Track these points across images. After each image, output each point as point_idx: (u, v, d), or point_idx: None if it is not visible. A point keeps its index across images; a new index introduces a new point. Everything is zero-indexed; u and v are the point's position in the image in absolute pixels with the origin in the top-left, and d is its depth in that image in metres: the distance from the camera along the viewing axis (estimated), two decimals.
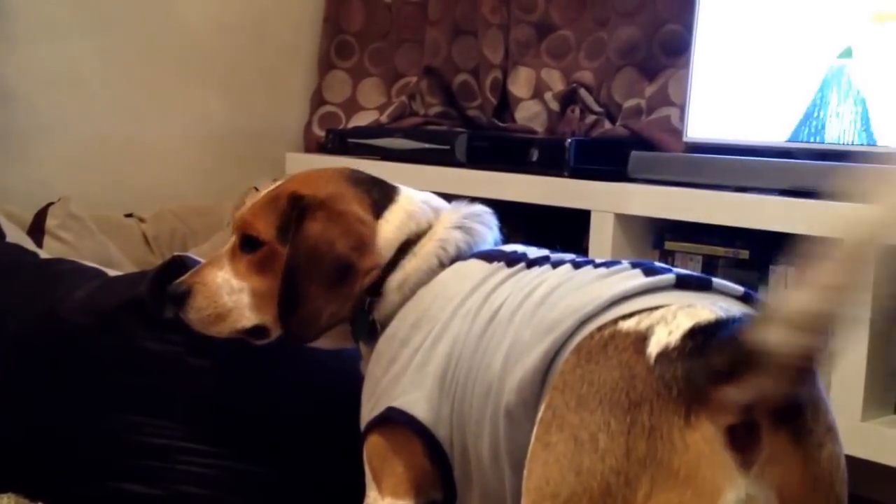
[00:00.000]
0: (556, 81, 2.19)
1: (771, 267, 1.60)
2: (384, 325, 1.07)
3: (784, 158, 1.60)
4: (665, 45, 1.99)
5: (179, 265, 1.28)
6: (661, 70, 1.99)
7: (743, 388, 0.72)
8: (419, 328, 1.02)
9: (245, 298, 1.09)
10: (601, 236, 1.70)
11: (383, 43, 2.51)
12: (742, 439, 0.74)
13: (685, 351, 0.76)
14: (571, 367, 0.82)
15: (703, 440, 0.73)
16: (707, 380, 0.74)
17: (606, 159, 1.79)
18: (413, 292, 1.06)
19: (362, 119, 2.48)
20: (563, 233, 1.90)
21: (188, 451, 1.33)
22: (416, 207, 1.11)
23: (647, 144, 1.88)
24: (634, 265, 0.92)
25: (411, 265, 1.07)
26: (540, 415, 0.82)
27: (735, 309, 0.83)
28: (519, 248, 1.08)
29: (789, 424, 0.75)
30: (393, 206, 1.11)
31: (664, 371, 0.75)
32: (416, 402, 0.98)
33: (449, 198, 1.23)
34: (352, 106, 2.52)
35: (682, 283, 0.86)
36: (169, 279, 1.20)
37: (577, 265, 0.98)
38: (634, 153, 1.72)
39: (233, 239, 1.13)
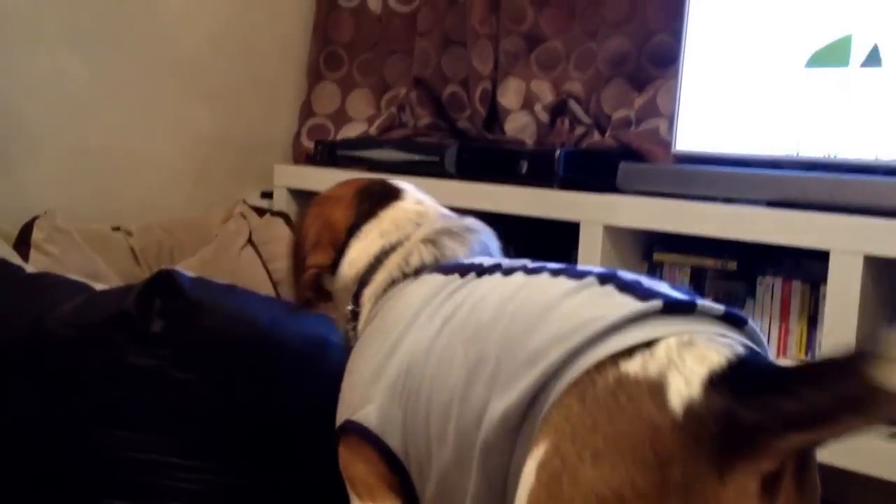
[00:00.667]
0: (545, 92, 2.19)
1: (759, 278, 1.60)
2: (360, 335, 1.10)
3: (772, 170, 1.60)
4: (654, 57, 1.99)
5: (166, 279, 1.28)
6: (651, 81, 1.99)
7: (822, 431, 0.71)
8: (375, 340, 1.05)
9: None
10: (590, 248, 1.70)
11: (372, 54, 2.51)
12: (768, 486, 0.74)
13: (713, 404, 0.74)
14: (578, 415, 0.78)
15: (737, 493, 0.72)
16: (768, 429, 0.72)
17: (596, 171, 1.80)
18: (380, 305, 1.09)
19: (351, 130, 2.47)
20: (552, 244, 1.90)
21: (176, 466, 1.32)
22: (394, 223, 1.13)
23: (637, 156, 1.88)
24: (603, 279, 0.89)
25: (380, 277, 1.10)
26: (541, 458, 0.79)
27: (731, 340, 0.82)
28: (485, 259, 1.07)
29: (802, 468, 0.77)
30: (374, 220, 1.13)
31: (695, 426, 0.73)
32: (368, 413, 1.01)
33: None
34: (341, 117, 2.52)
35: (669, 309, 0.83)
36: (156, 293, 1.20)
37: (529, 272, 0.97)
38: (623, 164, 1.72)
39: None
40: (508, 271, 0.99)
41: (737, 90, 1.68)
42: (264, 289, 1.88)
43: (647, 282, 0.89)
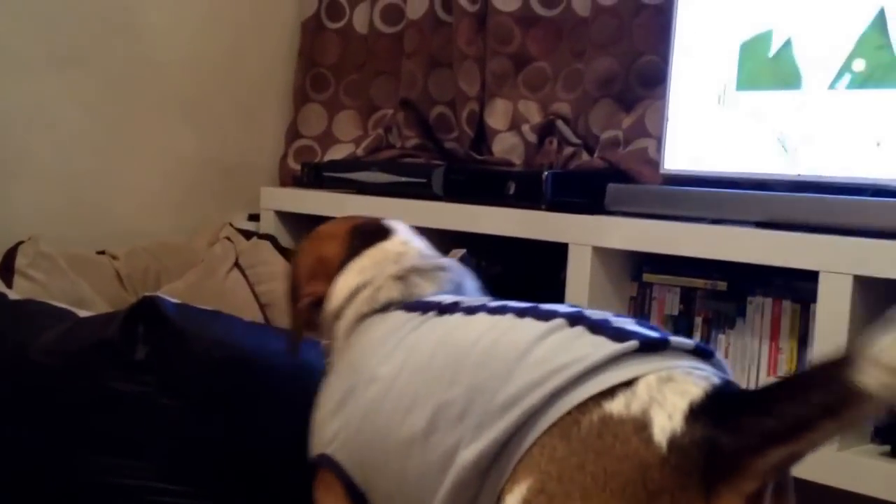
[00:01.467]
0: (533, 113, 2.19)
1: (748, 298, 1.60)
2: (332, 367, 1.13)
3: (760, 190, 1.60)
4: (642, 77, 1.99)
5: (150, 306, 1.26)
6: (638, 101, 1.99)
7: (800, 441, 0.73)
8: (339, 377, 1.08)
9: None
10: (579, 269, 1.69)
11: (359, 75, 2.51)
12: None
13: (695, 434, 0.76)
14: (564, 455, 0.80)
15: None
16: (746, 450, 0.74)
17: (584, 192, 1.79)
18: (348, 339, 1.11)
19: (338, 152, 2.47)
20: (541, 266, 1.90)
21: (163, 492, 1.31)
22: (373, 261, 1.14)
23: (625, 177, 1.88)
24: (572, 321, 0.90)
25: (350, 312, 1.12)
26: (524, 495, 0.81)
27: (706, 372, 0.84)
28: (445, 298, 1.08)
29: (781, 485, 0.79)
30: (357, 258, 1.15)
31: (681, 460, 0.76)
32: (335, 448, 1.04)
33: (426, 231, 1.23)
34: (327, 139, 2.51)
35: (645, 347, 0.85)
36: (139, 320, 1.19)
37: (492, 311, 0.98)
38: (611, 186, 1.72)
39: None
40: (470, 311, 1.00)
41: (724, 109, 1.68)
42: (251, 312, 1.87)
43: (615, 320, 0.91)
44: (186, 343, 1.32)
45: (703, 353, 0.87)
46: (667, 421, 0.77)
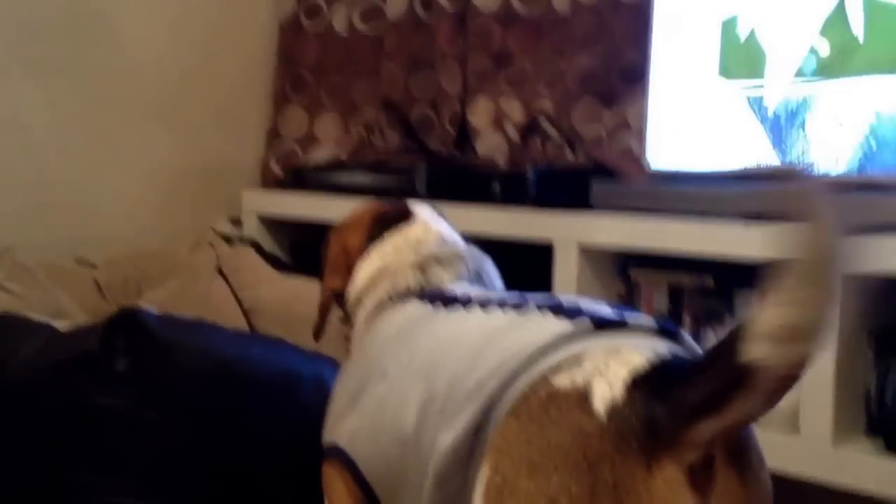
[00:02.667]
0: (515, 111, 2.18)
1: (737, 294, 1.59)
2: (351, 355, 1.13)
3: (745, 184, 1.59)
4: (623, 73, 1.99)
5: (130, 317, 1.24)
6: (620, 98, 1.98)
7: (723, 417, 0.73)
8: (356, 367, 1.08)
9: None
10: (565, 267, 1.68)
11: (339, 77, 2.49)
12: (699, 475, 0.76)
13: (634, 403, 0.77)
14: (515, 432, 0.82)
15: (665, 484, 0.75)
16: (677, 421, 0.75)
17: (568, 189, 1.78)
18: (369, 329, 1.11)
19: (320, 154, 2.44)
20: (527, 265, 1.88)
21: None
22: (394, 247, 1.15)
23: (610, 173, 1.86)
24: (541, 306, 0.93)
25: (370, 301, 1.12)
26: (485, 479, 0.82)
27: (658, 346, 0.84)
28: (456, 288, 1.09)
29: (736, 457, 0.78)
30: (379, 244, 1.16)
31: (619, 426, 0.76)
32: (343, 435, 1.04)
33: None
34: (309, 141, 2.49)
35: (599, 326, 0.87)
36: (119, 332, 1.17)
37: (483, 305, 0.99)
38: (597, 183, 1.70)
39: None
40: (465, 304, 1.01)
41: (706, 104, 1.67)
42: (235, 318, 1.84)
43: (588, 305, 0.92)
44: (168, 354, 1.30)
45: (668, 333, 0.87)
46: (607, 390, 0.78)
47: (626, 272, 1.72)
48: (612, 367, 0.79)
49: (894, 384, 1.41)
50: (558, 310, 0.90)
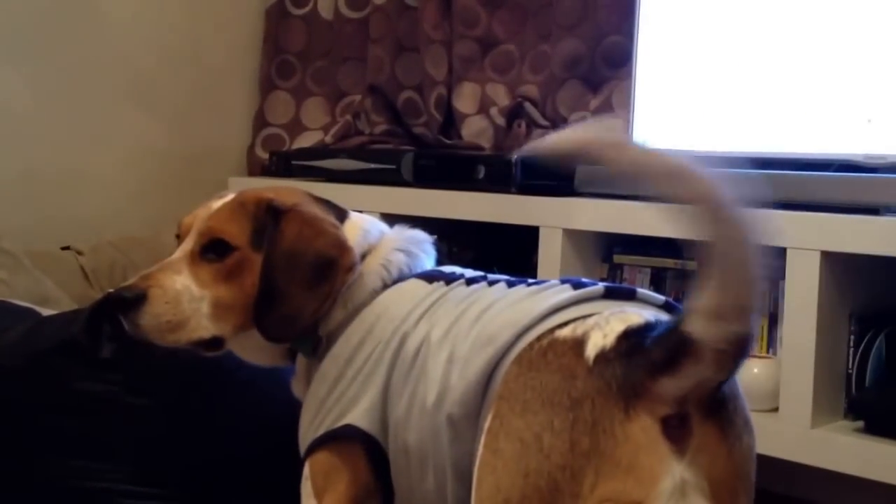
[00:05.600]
0: (501, 96, 2.18)
1: None
2: (329, 342, 1.06)
3: (728, 168, 1.60)
4: (608, 58, 1.99)
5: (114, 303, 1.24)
6: (605, 82, 1.99)
7: (679, 378, 0.78)
8: (363, 348, 1.03)
9: (205, 308, 1.06)
10: (550, 251, 1.69)
11: (325, 62, 2.48)
12: (675, 429, 0.79)
13: (621, 350, 0.81)
14: (514, 377, 0.86)
15: (642, 431, 0.78)
16: (645, 374, 0.79)
17: (553, 174, 1.78)
18: (357, 311, 1.06)
19: (307, 140, 2.44)
20: (512, 249, 1.89)
21: (131, 495, 1.29)
22: (367, 227, 1.13)
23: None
24: (563, 281, 0.97)
25: (357, 283, 1.07)
26: (487, 424, 0.86)
27: (662, 315, 0.88)
28: (457, 269, 1.10)
29: (715, 416, 0.81)
30: (347, 223, 1.12)
31: (603, 370, 0.80)
32: (361, 416, 1.01)
33: (397, 218, 1.21)
34: (295, 127, 2.49)
35: (610, 293, 0.92)
36: (104, 318, 1.17)
37: (511, 284, 1.02)
38: (580, 168, 1.71)
39: (189, 245, 1.09)
40: (493, 282, 1.04)
41: (691, 89, 1.68)
42: None
43: (606, 283, 0.96)
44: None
45: (672, 309, 0.91)
46: (601, 339, 0.82)
47: (609, 256, 1.73)
48: (611, 322, 0.84)
49: (873, 366, 1.42)
50: (577, 284, 0.95)
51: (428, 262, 1.12)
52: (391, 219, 1.17)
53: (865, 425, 1.39)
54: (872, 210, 1.35)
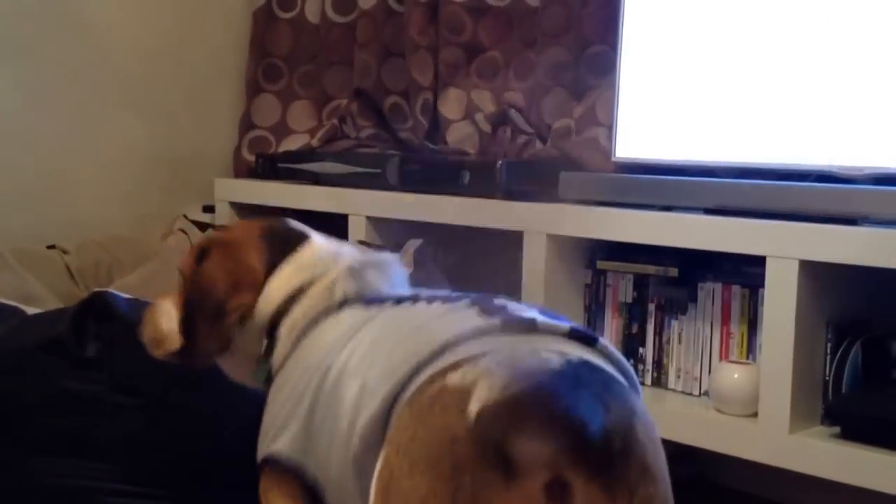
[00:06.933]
0: (486, 102, 2.20)
1: (700, 284, 1.62)
2: (277, 371, 1.09)
3: (709, 177, 1.62)
4: (592, 66, 2.01)
5: (100, 301, 1.25)
6: (589, 90, 2.01)
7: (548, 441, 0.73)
8: (296, 377, 1.04)
9: (175, 325, 1.16)
10: (534, 257, 1.70)
11: (312, 65, 2.49)
12: (557, 497, 0.72)
13: (504, 404, 0.74)
14: (405, 425, 0.81)
15: (523, 500, 0.72)
16: (524, 436, 0.73)
17: (537, 180, 1.80)
18: (300, 339, 1.07)
19: (293, 143, 2.45)
20: (496, 254, 1.91)
21: (117, 493, 1.29)
22: (313, 258, 1.12)
23: (578, 165, 1.89)
24: (473, 302, 0.93)
25: (298, 311, 1.08)
26: (378, 469, 0.82)
27: (567, 349, 0.84)
28: (404, 291, 1.08)
29: (600, 477, 0.74)
30: (291, 257, 1.12)
31: (485, 430, 0.74)
32: (286, 444, 1.02)
33: (382, 221, 1.21)
34: (282, 129, 2.49)
35: (508, 327, 0.87)
36: (90, 316, 1.17)
37: (430, 300, 0.99)
38: (564, 174, 1.73)
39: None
40: (414, 300, 1.01)
41: (674, 97, 1.70)
42: None
43: (516, 306, 0.91)
44: (139, 339, 1.30)
45: (583, 338, 0.87)
46: (486, 391, 0.75)
47: (593, 262, 1.75)
48: (500, 370, 0.77)
49: (850, 373, 1.45)
50: (484, 307, 0.91)
51: (383, 285, 1.10)
52: (376, 222, 1.18)
53: (842, 431, 1.41)
54: (850, 220, 1.37)
